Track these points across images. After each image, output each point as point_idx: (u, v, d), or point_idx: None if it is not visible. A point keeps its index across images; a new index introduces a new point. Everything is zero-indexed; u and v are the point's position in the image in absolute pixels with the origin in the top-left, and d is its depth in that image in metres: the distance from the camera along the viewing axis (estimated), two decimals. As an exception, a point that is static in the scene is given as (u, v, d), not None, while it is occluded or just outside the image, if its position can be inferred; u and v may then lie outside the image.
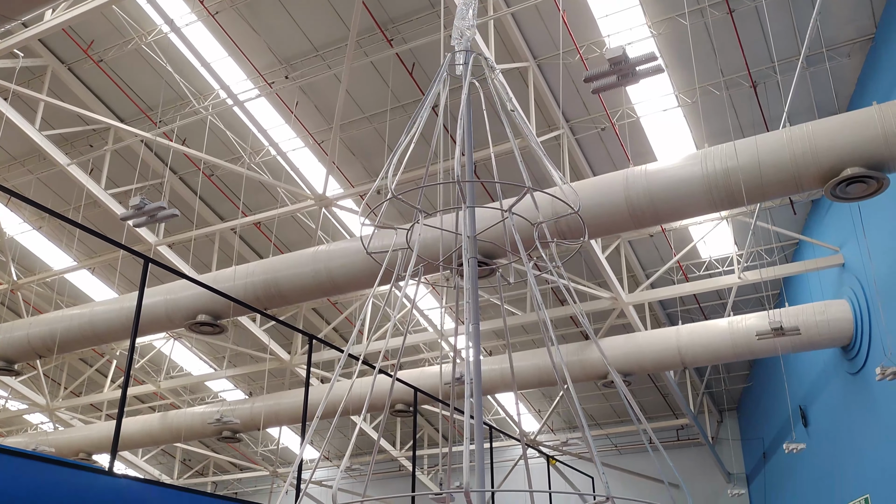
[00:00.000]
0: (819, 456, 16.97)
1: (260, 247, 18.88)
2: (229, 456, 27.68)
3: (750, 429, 23.97)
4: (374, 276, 12.95)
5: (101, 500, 4.39)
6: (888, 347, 12.55)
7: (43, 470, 4.25)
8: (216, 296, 13.85)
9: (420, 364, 21.85)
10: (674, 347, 16.17)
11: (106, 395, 21.87)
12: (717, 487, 23.90)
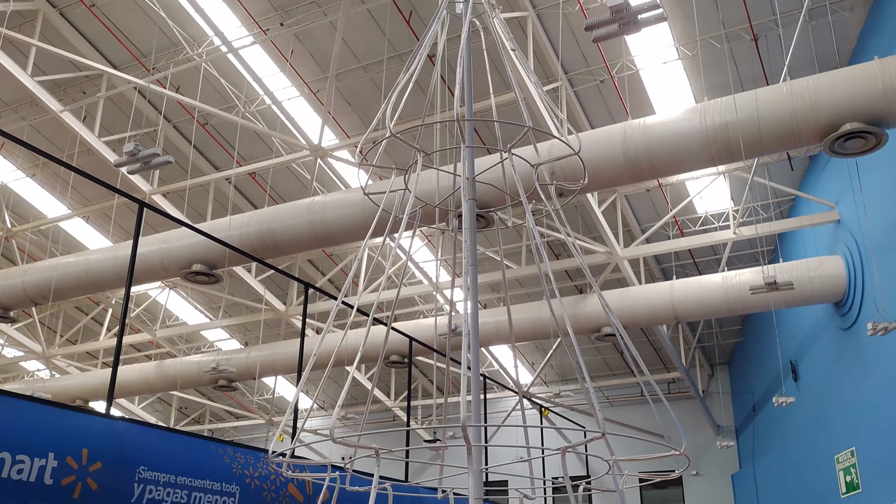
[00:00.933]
0: (807, 409, 17.20)
1: (255, 197, 18.80)
2: (225, 404, 27.96)
3: (740, 383, 24.26)
4: (370, 227, 12.92)
5: (99, 442, 4.43)
6: (880, 303, 12.64)
7: (41, 412, 4.28)
8: (211, 245, 13.84)
9: (415, 317, 21.96)
10: (667, 302, 16.26)
11: (102, 342, 21.98)
12: (706, 440, 24.26)
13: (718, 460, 24.45)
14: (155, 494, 4.69)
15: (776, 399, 15.10)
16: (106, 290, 16.89)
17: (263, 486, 5.51)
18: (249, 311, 21.33)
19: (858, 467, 13.90)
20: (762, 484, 20.77)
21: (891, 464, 12.51)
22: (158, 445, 4.82)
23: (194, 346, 24.79)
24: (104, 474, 4.38)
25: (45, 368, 24.67)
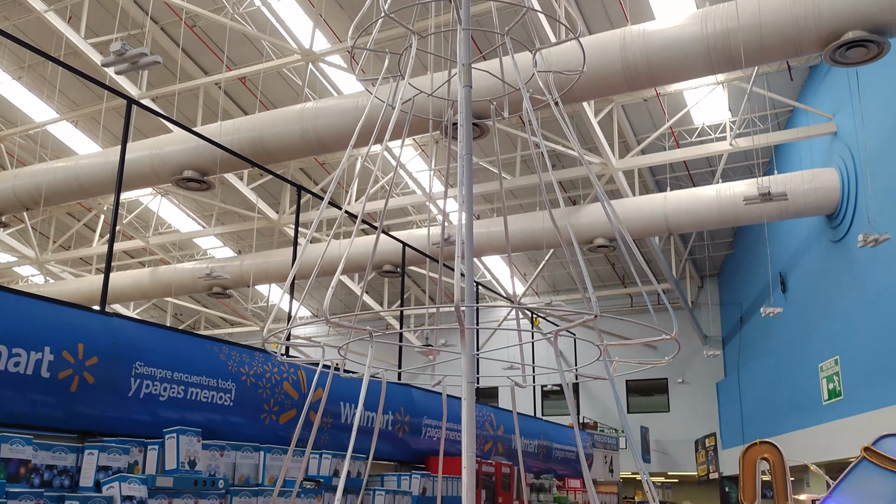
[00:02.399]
0: (794, 320, 17.48)
1: (245, 104, 18.49)
2: (220, 311, 28.22)
3: (729, 294, 24.57)
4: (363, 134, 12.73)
5: (95, 337, 4.47)
6: (872, 216, 12.68)
7: (36, 307, 4.30)
8: (203, 151, 13.69)
9: (408, 227, 21.97)
10: (660, 214, 16.27)
11: (95, 249, 21.98)
12: (693, 349, 24.73)
13: (704, 369, 25.01)
14: (152, 389, 4.76)
15: (764, 310, 15.31)
16: (97, 195, 16.79)
17: (259, 384, 5.60)
18: (242, 220, 21.28)
19: (841, 375, 14.22)
20: (746, 392, 21.30)
21: (873, 372, 12.80)
22: (154, 342, 4.86)
23: (188, 254, 24.84)
24: (100, 369, 4.43)
25: (39, 274, 24.75)
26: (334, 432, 6.33)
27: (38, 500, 3.71)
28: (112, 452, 4.23)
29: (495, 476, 7.85)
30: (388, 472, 7.12)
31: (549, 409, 25.61)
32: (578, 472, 11.03)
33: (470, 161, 2.18)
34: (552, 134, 17.01)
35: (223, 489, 4.68)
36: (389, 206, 19.81)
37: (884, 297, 12.75)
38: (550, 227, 16.98)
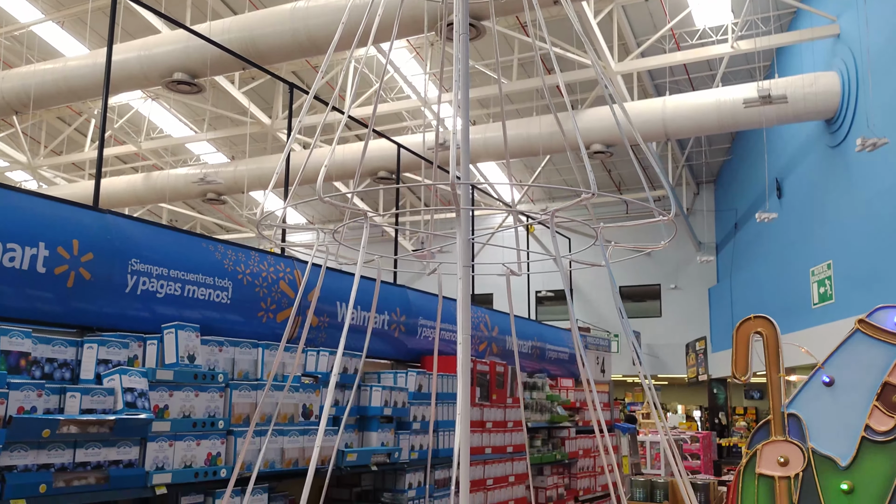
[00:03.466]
0: (788, 226, 17.55)
1: (235, 3, 17.97)
2: (215, 218, 28.20)
3: (725, 201, 24.58)
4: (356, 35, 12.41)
5: (89, 234, 4.45)
6: (871, 120, 12.55)
7: (29, 202, 4.27)
8: (192, 52, 13.38)
9: (403, 132, 21.73)
10: (659, 119, 16.09)
11: (87, 154, 21.76)
12: (687, 255, 24.91)
13: (697, 275, 25.26)
14: (149, 286, 4.78)
15: (759, 215, 15.35)
16: (86, 98, 16.49)
17: (255, 283, 5.63)
18: (234, 125, 21.01)
19: (833, 279, 14.38)
20: (737, 297, 21.57)
21: (864, 276, 12.94)
22: (149, 239, 4.85)
23: (180, 160, 24.64)
24: (96, 265, 4.43)
25: (32, 179, 24.58)
26: (331, 331, 6.41)
27: (40, 390, 3.77)
28: (111, 346, 4.28)
29: (489, 374, 8.00)
30: (385, 369, 7.25)
31: (542, 315, 25.96)
32: (571, 372, 11.25)
33: (466, 41, 2.12)
34: (550, 36, 16.63)
35: (223, 383, 4.76)
36: (384, 111, 19.53)
37: (879, 201, 12.77)
38: (547, 133, 16.80)
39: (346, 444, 5.94)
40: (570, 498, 9.89)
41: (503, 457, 8.08)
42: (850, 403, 1.39)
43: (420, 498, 6.62)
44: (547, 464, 9.37)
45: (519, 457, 8.41)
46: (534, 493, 8.83)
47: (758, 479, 1.45)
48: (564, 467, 10.04)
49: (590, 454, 10.64)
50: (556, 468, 9.78)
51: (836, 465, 1.40)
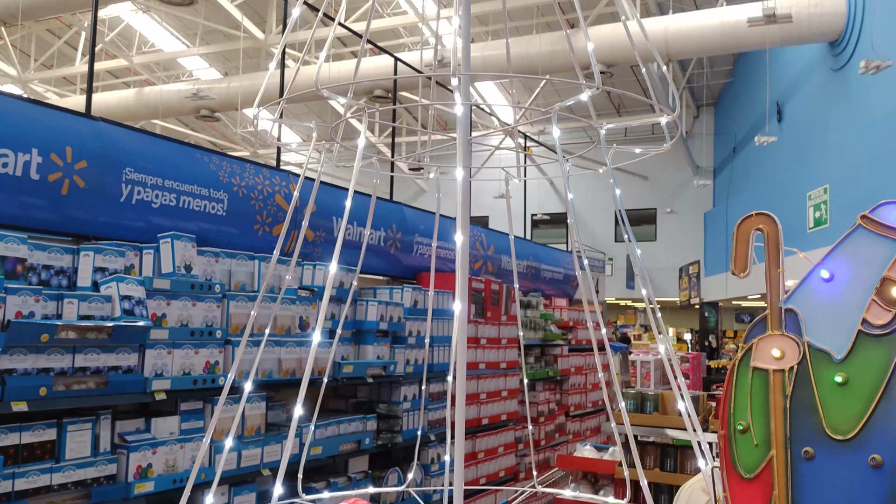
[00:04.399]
0: (787, 150, 17.45)
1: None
2: (209, 135, 27.91)
3: (724, 124, 24.38)
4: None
5: (82, 141, 4.40)
6: (876, 42, 12.34)
7: (20, 108, 4.20)
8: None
9: (400, 49, 21.32)
10: (661, 39, 15.79)
11: (78, 68, 21.37)
12: (683, 179, 24.85)
13: (693, 199, 25.25)
14: (143, 196, 4.75)
15: (758, 138, 15.24)
16: (76, 9, 16.08)
17: (251, 196, 5.60)
18: (227, 39, 20.58)
19: (829, 203, 14.39)
20: (733, 221, 21.59)
21: (860, 201, 12.93)
22: (143, 149, 4.80)
23: (173, 75, 24.22)
24: (90, 173, 4.39)
25: (23, 93, 24.18)
26: (327, 246, 6.42)
27: (37, 296, 3.79)
28: (108, 255, 4.28)
29: (485, 292, 8.07)
30: (381, 285, 7.30)
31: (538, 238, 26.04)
32: (565, 292, 11.35)
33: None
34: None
35: (220, 294, 4.79)
36: (380, 26, 19.12)
37: (879, 125, 12.67)
38: (547, 51, 16.51)
39: (342, 356, 6.03)
40: (561, 413, 10.12)
41: (497, 372, 8.22)
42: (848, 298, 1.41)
43: (415, 410, 6.75)
44: (539, 380, 9.55)
45: (512, 372, 8.55)
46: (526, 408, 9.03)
47: (752, 372, 1.48)
48: (556, 384, 10.24)
49: (581, 372, 10.83)
50: (548, 384, 9.97)
51: (831, 358, 1.42)
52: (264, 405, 5.22)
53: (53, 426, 3.87)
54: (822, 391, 1.49)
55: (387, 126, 25.79)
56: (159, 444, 4.34)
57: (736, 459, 1.54)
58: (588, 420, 10.88)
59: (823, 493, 1.46)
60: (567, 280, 11.49)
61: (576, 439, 10.29)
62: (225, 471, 4.74)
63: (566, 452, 9.57)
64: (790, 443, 1.50)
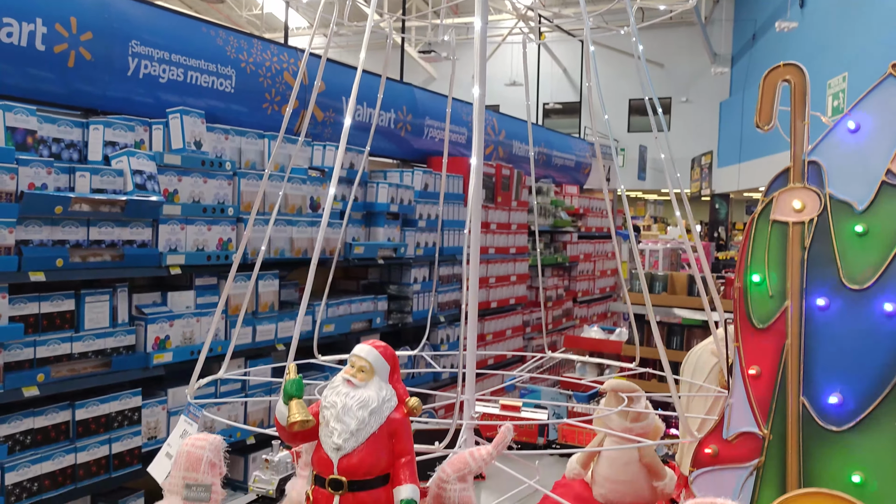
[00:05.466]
0: (808, 36, 16.94)
1: None
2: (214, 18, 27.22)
3: (745, 10, 23.58)
4: None
5: (87, 11, 4.28)
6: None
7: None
8: None
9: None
10: (682, -86, 15.08)
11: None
12: (700, 67, 24.28)
13: (709, 88, 24.73)
14: (150, 70, 4.66)
15: (779, 24, 14.77)
16: None
17: (259, 72, 5.49)
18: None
19: (846, 92, 14.08)
20: (748, 111, 21.23)
21: (880, 89, 12.63)
22: (149, 21, 4.67)
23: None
24: (96, 45, 4.30)
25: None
26: (336, 127, 6.35)
27: (49, 168, 3.78)
28: (117, 129, 4.24)
29: (495, 177, 8.02)
30: (391, 168, 7.27)
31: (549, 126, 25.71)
32: (575, 179, 11.29)
33: None
34: None
35: (230, 171, 4.77)
36: None
37: (906, 10, 12.23)
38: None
39: (353, 238, 6.07)
40: (569, 299, 10.25)
41: (506, 257, 8.28)
42: (873, 148, 1.38)
43: (425, 292, 6.85)
44: (548, 266, 9.62)
45: (521, 258, 8.61)
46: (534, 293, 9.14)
47: (771, 225, 1.47)
48: (565, 270, 10.32)
49: (590, 259, 10.90)
50: (556, 270, 10.05)
51: (852, 209, 1.41)
52: (277, 283, 5.29)
53: (71, 297, 3.94)
54: (841, 242, 1.48)
55: (396, 8, 25.07)
56: (176, 318, 4.43)
57: (750, 311, 1.55)
58: (595, 306, 11.03)
59: (836, 341, 1.47)
60: (578, 167, 11.41)
61: (583, 324, 10.47)
62: (240, 344, 4.85)
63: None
64: (805, 293, 1.50)
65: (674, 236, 17.95)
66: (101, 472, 4.02)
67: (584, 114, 26.28)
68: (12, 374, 3.63)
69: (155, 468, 1.85)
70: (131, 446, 4.18)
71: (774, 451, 1.48)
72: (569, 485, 2.48)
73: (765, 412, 1.51)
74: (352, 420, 1.34)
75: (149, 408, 4.32)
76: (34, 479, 3.72)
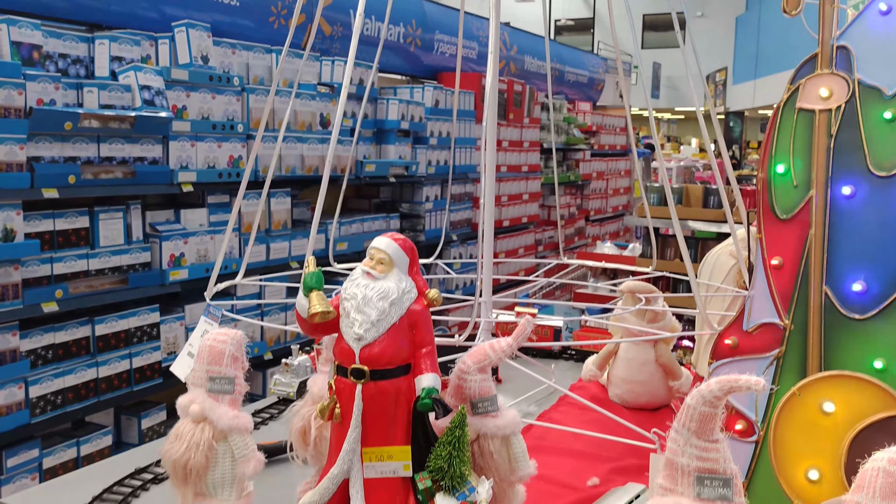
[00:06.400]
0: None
1: None
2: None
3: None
4: None
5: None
6: None
7: None
8: None
9: None
10: None
11: None
12: (715, -19, 23.59)
13: (725, 2, 24.07)
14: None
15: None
16: None
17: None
18: None
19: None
20: (765, 26, 20.71)
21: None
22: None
23: None
24: (97, -44, 4.20)
25: None
26: (344, 41, 6.23)
27: (57, 83, 3.73)
28: (123, 43, 4.17)
29: (507, 93, 7.90)
30: (401, 84, 7.15)
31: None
32: (588, 96, 11.11)
33: None
34: None
35: (239, 87, 4.71)
36: None
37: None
38: None
39: (364, 155, 6.02)
40: (581, 217, 10.22)
41: (518, 175, 8.22)
42: (905, 29, 1.34)
43: (437, 210, 6.83)
44: (560, 184, 9.55)
45: (533, 176, 8.55)
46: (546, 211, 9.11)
47: (797, 113, 1.43)
48: (577, 188, 10.26)
49: (603, 177, 10.82)
50: (568, 189, 9.99)
51: (881, 95, 1.36)
52: (289, 201, 5.27)
53: (85, 214, 3.94)
54: (868, 128, 1.44)
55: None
56: (190, 235, 4.44)
57: (774, 201, 1.53)
58: (608, 224, 11.00)
59: (861, 229, 1.45)
60: (591, 83, 11.22)
61: (595, 242, 10.46)
62: (254, 262, 4.87)
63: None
64: (831, 182, 1.47)
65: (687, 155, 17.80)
66: (122, 386, 4.10)
67: (597, 29, 25.70)
68: (31, 290, 3.66)
69: (177, 366, 1.87)
70: (151, 361, 4.25)
71: (795, 340, 1.48)
72: (585, 387, 2.51)
73: (786, 302, 1.50)
74: (372, 311, 1.33)
75: (167, 324, 4.38)
76: (58, 392, 3.80)
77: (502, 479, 1.45)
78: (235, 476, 1.47)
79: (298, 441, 1.58)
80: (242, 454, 1.47)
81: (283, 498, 1.67)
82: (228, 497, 1.47)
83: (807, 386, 1.37)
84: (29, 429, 3.70)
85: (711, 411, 1.06)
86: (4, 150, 3.48)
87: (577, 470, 1.91)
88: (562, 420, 2.24)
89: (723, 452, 1.06)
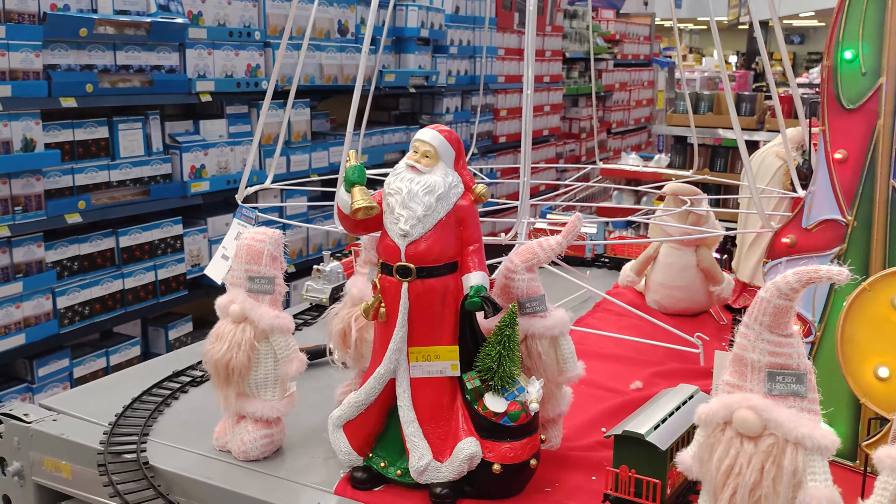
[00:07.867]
0: None
1: None
2: None
3: None
4: None
5: None
6: None
7: None
8: None
9: None
10: None
11: None
12: None
13: None
14: None
15: None
16: None
17: None
18: None
19: None
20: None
21: None
22: None
23: None
24: None
25: None
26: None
27: (69, -13, 3.61)
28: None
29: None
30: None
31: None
32: (611, 3, 10.75)
33: None
34: None
35: (255, -8, 4.55)
36: None
37: None
38: None
39: (383, 65, 5.86)
40: (603, 130, 10.03)
41: (539, 86, 8.02)
42: None
43: (459, 122, 6.70)
44: (582, 95, 9.34)
45: (555, 87, 8.35)
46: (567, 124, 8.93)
47: None
48: (599, 100, 10.03)
49: (626, 88, 10.57)
50: (590, 100, 9.77)
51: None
52: (308, 112, 5.17)
53: (105, 124, 3.87)
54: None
55: None
56: (210, 146, 4.37)
57: (840, 90, 1.43)
58: (630, 137, 10.81)
59: (936, 117, 1.36)
60: (614, -9, 10.83)
61: (616, 156, 10.30)
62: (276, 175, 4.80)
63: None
64: (904, 66, 1.37)
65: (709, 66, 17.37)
66: (148, 298, 4.11)
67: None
68: (53, 201, 3.62)
69: (212, 269, 1.83)
70: (176, 273, 4.24)
71: (858, 237, 1.41)
72: (621, 293, 2.46)
73: (850, 198, 1.42)
74: (418, 206, 1.27)
75: (190, 236, 4.35)
76: (85, 304, 3.81)
77: (550, 380, 1.41)
78: (278, 376, 1.45)
79: (338, 343, 1.54)
80: (285, 354, 1.44)
81: (322, 400, 1.65)
82: (272, 397, 1.45)
83: (877, 281, 1.31)
84: (58, 339, 3.72)
85: (787, 304, 1.00)
86: (20, 58, 3.39)
87: (618, 374, 1.88)
88: (599, 326, 2.20)
89: (797, 347, 1.01)
